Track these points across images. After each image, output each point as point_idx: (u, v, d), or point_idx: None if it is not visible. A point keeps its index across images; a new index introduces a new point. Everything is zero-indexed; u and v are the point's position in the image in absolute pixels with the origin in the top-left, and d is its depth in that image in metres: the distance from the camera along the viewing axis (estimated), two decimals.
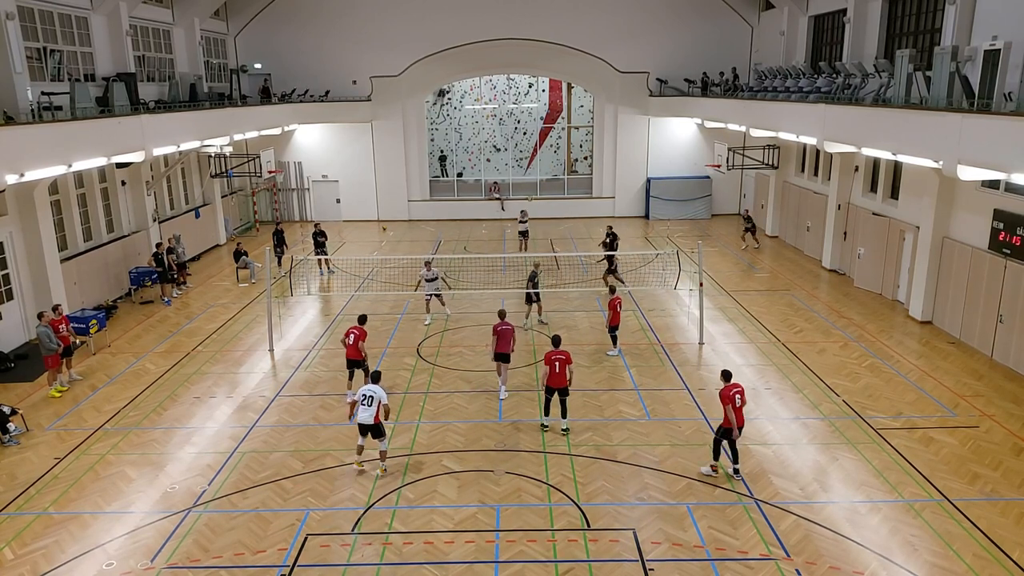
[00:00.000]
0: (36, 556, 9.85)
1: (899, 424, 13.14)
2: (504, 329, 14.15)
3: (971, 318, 16.85)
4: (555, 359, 12.73)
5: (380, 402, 11.42)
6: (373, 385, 11.59)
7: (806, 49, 28.46)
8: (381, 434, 11.60)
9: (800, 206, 26.93)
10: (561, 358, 12.72)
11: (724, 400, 11.28)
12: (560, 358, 12.73)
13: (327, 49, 32.86)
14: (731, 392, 11.28)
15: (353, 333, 14.24)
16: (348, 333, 14.34)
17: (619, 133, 33.63)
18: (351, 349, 14.25)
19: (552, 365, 12.73)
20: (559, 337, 13.32)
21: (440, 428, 13.27)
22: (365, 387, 11.60)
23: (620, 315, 16.66)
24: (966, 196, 17.16)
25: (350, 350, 14.28)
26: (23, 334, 17.78)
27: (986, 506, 10.56)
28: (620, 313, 16.62)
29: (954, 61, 16.22)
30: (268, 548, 9.88)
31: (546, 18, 32.30)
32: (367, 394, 11.44)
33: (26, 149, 15.52)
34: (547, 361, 12.81)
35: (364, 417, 11.41)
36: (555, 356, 12.77)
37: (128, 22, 23.47)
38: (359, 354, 14.25)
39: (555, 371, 12.72)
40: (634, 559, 9.51)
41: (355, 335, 14.21)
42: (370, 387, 11.55)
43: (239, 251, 23.64)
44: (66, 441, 13.05)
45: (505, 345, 14.15)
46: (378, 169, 33.80)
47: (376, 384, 11.64)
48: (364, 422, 11.44)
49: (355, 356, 14.27)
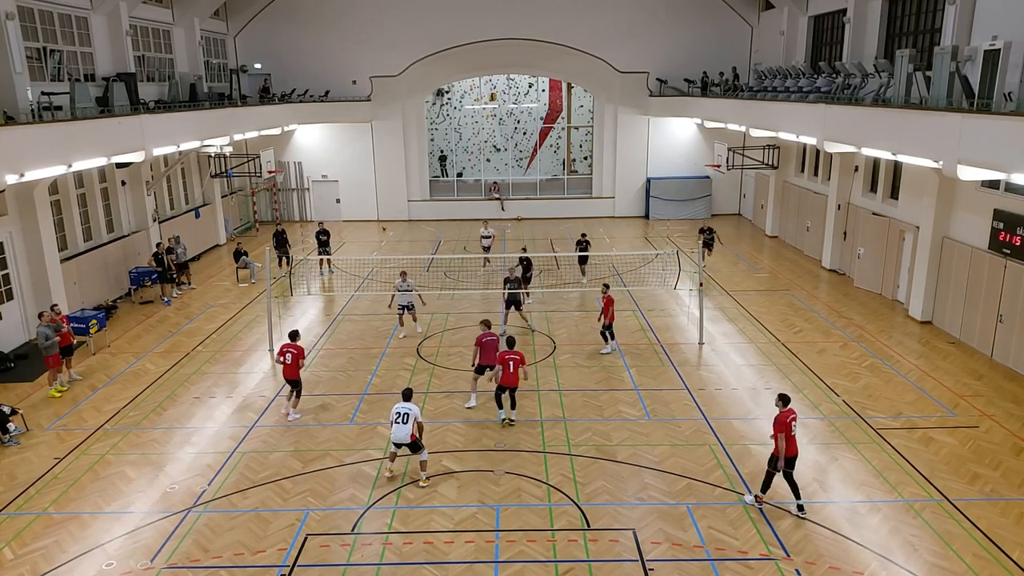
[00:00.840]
0: (36, 556, 9.85)
1: (899, 424, 13.14)
2: (489, 340, 13.78)
3: (971, 318, 16.85)
4: (509, 359, 13.02)
5: (415, 419, 11.26)
6: (407, 403, 11.37)
7: (806, 49, 28.46)
8: (419, 448, 11.39)
9: (800, 206, 26.93)
10: (515, 358, 13.02)
11: (778, 427, 10.28)
12: (514, 358, 13.02)
13: (327, 49, 32.86)
14: (787, 419, 10.30)
15: (290, 352, 13.50)
16: (283, 352, 13.52)
17: (619, 133, 33.62)
18: (290, 369, 13.53)
19: (506, 364, 13.03)
20: (514, 339, 13.61)
21: (440, 428, 13.26)
22: (400, 405, 11.32)
23: (613, 313, 16.66)
24: (966, 196, 17.16)
25: (288, 370, 13.56)
26: (23, 334, 17.78)
27: (986, 506, 10.56)
28: (613, 311, 16.62)
29: (954, 61, 16.22)
30: (268, 548, 9.88)
31: (546, 18, 32.30)
32: (402, 411, 11.20)
33: (26, 149, 15.52)
34: (501, 360, 13.11)
35: (400, 436, 11.16)
36: (509, 356, 13.04)
37: (128, 22, 23.47)
38: (298, 373, 13.64)
39: (508, 370, 13.03)
40: (634, 559, 9.51)
41: (292, 354, 13.51)
42: (404, 405, 11.31)
43: (239, 251, 23.64)
44: (66, 441, 13.05)
45: (490, 357, 13.66)
46: (378, 169, 33.80)
47: (408, 401, 11.43)
48: (401, 441, 11.20)
49: (294, 376, 13.62)
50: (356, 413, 13.96)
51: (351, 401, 14.50)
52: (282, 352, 13.60)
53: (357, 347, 17.54)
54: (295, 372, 13.64)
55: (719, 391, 14.71)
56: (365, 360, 16.64)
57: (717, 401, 14.26)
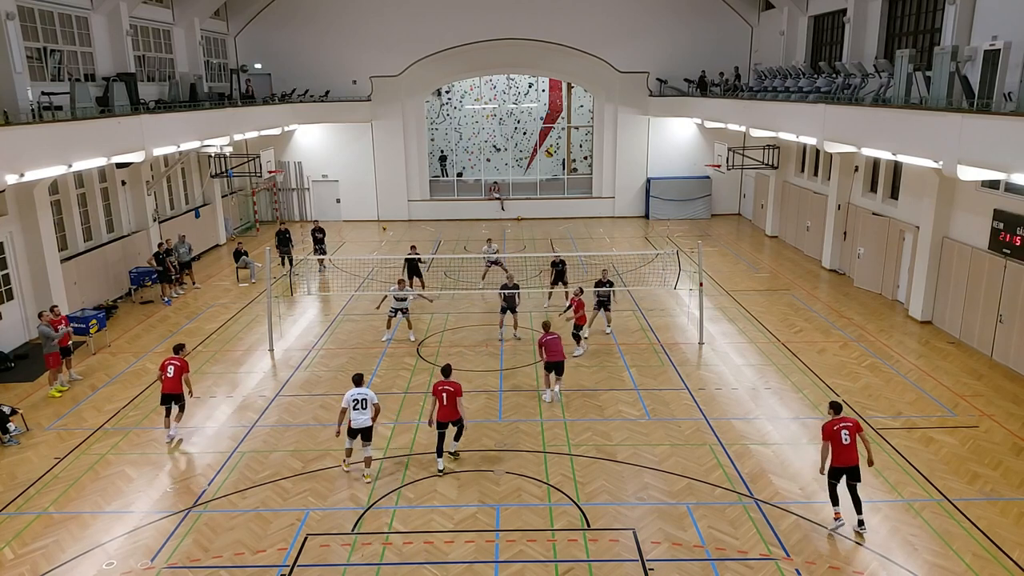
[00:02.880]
0: (36, 556, 9.85)
1: (899, 424, 13.14)
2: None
3: (971, 318, 16.85)
4: (443, 390, 11.49)
5: (372, 403, 11.34)
6: (361, 388, 11.41)
7: (806, 49, 28.46)
8: (370, 438, 11.43)
9: (800, 206, 26.93)
10: (450, 389, 11.49)
11: (824, 435, 9.88)
12: (448, 389, 11.48)
13: (327, 49, 32.86)
14: (834, 427, 9.80)
15: (173, 364, 12.76)
16: (165, 366, 12.75)
17: (619, 133, 33.63)
18: (171, 383, 12.67)
19: (440, 396, 11.48)
20: (450, 367, 12.08)
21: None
22: (354, 391, 11.32)
23: (584, 316, 16.51)
24: (966, 196, 17.16)
25: (169, 383, 12.67)
26: (23, 334, 17.78)
27: (986, 506, 10.57)
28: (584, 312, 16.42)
29: (954, 61, 16.21)
30: (268, 548, 9.88)
31: (546, 18, 32.30)
32: (359, 397, 11.25)
33: (26, 149, 15.52)
34: (435, 392, 11.56)
35: (361, 421, 11.24)
36: (443, 387, 11.51)
37: (128, 22, 23.47)
38: (180, 387, 12.81)
39: (443, 403, 11.47)
40: (634, 559, 9.52)
41: (175, 367, 12.75)
42: (358, 390, 11.35)
43: (239, 251, 23.66)
44: (66, 441, 13.05)
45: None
46: (378, 169, 33.80)
47: (361, 386, 11.46)
48: (362, 425, 11.26)
49: (175, 390, 12.76)
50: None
51: None
52: (163, 367, 12.82)
53: (357, 347, 17.54)
54: (177, 386, 12.76)
55: (719, 391, 14.72)
56: (365, 360, 16.64)
57: (717, 401, 14.26)
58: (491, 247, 21.51)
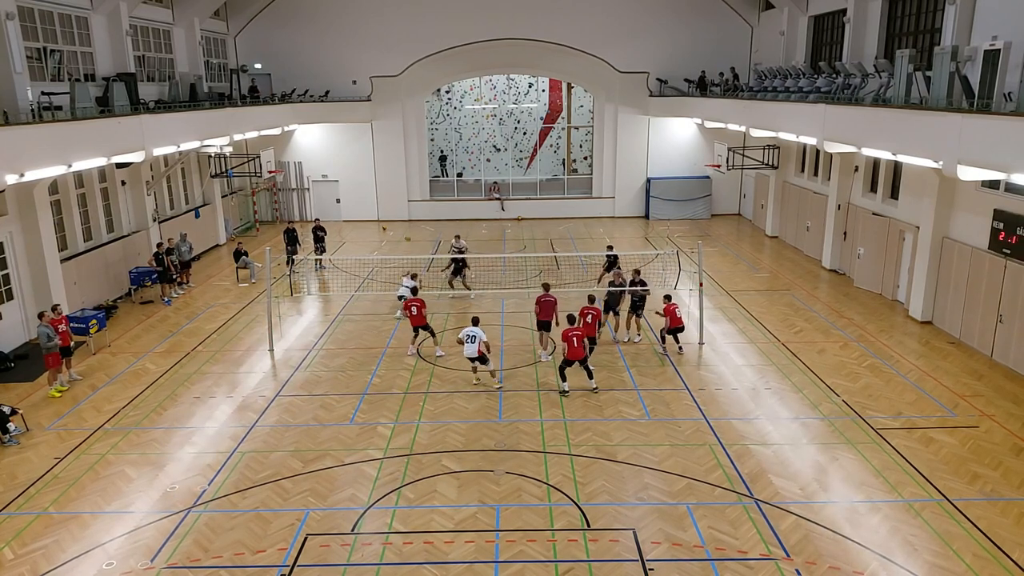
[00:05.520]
0: (36, 556, 9.85)
1: (899, 424, 13.14)
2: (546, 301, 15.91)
3: (971, 318, 16.85)
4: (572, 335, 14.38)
5: (480, 339, 14.39)
6: (474, 328, 14.53)
7: (806, 49, 28.46)
8: (486, 361, 14.63)
9: (800, 206, 26.93)
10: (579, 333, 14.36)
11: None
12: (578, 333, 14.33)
13: (327, 49, 32.85)
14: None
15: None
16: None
17: (619, 133, 33.62)
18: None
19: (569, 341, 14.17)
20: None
21: (440, 428, 13.27)
22: (468, 328, 14.55)
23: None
24: (966, 196, 17.16)
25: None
26: (23, 334, 17.78)
27: (986, 506, 10.57)
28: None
29: (954, 61, 16.21)
30: (268, 548, 9.88)
31: (546, 18, 32.29)
32: (470, 335, 14.40)
33: (26, 149, 15.52)
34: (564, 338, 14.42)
35: (469, 351, 14.44)
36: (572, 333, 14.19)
37: (128, 22, 23.47)
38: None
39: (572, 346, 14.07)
40: (634, 559, 9.52)
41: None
42: (471, 329, 14.48)
43: (239, 251, 23.66)
44: (66, 441, 13.05)
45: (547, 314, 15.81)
46: (378, 169, 33.79)
47: (475, 327, 14.62)
48: (470, 356, 14.51)
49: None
50: (356, 413, 13.96)
51: (351, 401, 14.50)
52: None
53: (357, 347, 17.54)
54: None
55: (719, 391, 14.72)
56: (365, 360, 16.64)
57: (717, 401, 14.26)
58: (459, 242, 22.41)
